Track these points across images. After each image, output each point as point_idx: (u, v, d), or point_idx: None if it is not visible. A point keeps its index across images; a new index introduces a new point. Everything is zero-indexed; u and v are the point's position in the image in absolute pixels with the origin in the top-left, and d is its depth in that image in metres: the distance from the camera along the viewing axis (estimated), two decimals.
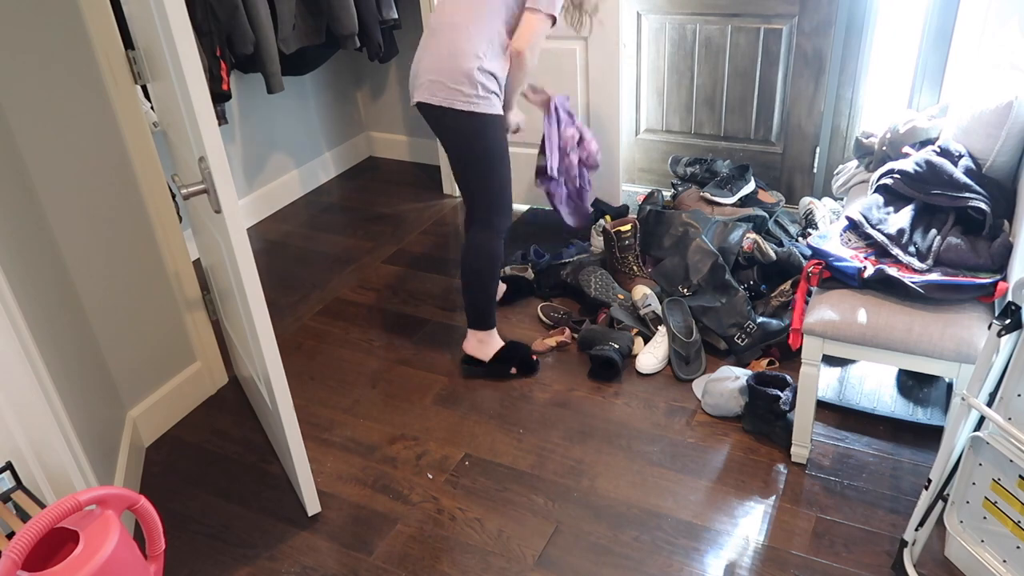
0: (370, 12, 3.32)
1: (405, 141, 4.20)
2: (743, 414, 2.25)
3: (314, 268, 3.27)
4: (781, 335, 2.43)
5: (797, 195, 3.32)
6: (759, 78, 3.19)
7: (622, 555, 1.91)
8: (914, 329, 1.81)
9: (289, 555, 1.97)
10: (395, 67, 3.98)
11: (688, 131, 3.46)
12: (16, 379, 1.55)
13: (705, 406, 2.32)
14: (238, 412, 2.48)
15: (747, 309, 2.49)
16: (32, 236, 1.85)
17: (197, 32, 2.78)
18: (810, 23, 3.01)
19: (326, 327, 2.87)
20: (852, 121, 3.12)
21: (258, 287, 1.70)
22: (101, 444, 1.98)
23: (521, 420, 2.36)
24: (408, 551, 1.96)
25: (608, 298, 2.75)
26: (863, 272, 1.92)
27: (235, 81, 3.33)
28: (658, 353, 2.52)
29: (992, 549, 1.67)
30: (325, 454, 2.28)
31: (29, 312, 1.67)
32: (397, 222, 3.60)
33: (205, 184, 1.60)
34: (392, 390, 2.53)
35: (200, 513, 2.12)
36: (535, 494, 2.10)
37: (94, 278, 2.13)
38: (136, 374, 2.30)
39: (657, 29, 3.28)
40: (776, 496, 2.04)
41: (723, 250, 2.69)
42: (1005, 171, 2.18)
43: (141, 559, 1.54)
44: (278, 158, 3.77)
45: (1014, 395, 1.52)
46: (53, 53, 1.92)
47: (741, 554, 1.89)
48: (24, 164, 1.90)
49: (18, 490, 1.55)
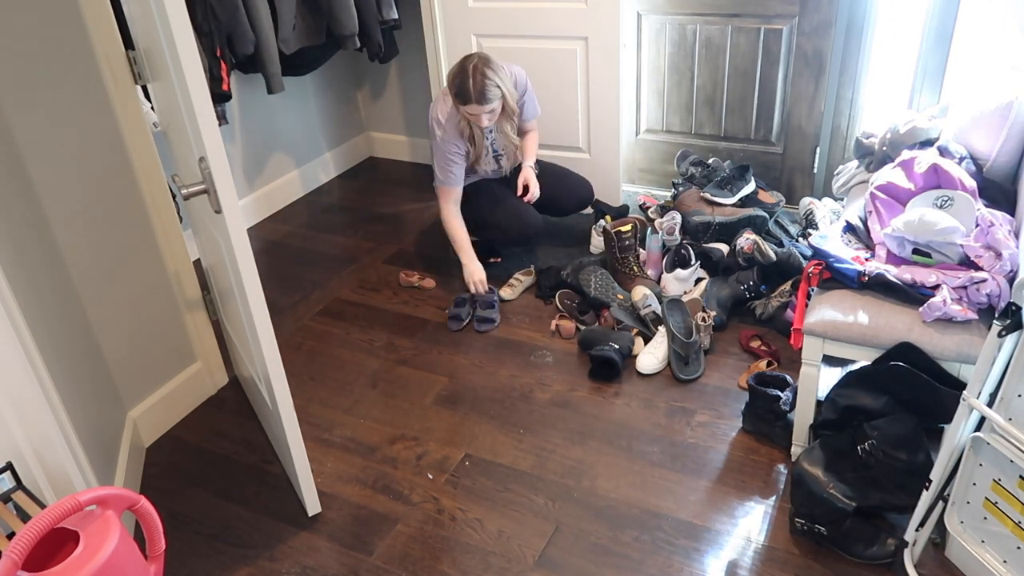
0: (370, 12, 3.32)
1: (405, 141, 4.20)
2: (743, 414, 2.25)
3: (314, 268, 3.27)
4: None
5: (797, 195, 3.32)
6: (759, 78, 3.19)
7: (622, 555, 1.91)
8: (914, 329, 1.81)
9: (289, 555, 1.97)
10: (395, 67, 3.98)
11: (688, 131, 3.46)
12: (16, 379, 1.55)
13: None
14: (238, 412, 2.48)
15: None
16: (32, 236, 1.85)
17: (197, 32, 2.78)
18: (810, 23, 3.01)
19: (326, 327, 2.87)
20: (852, 121, 3.12)
21: (258, 287, 1.70)
22: (101, 444, 1.98)
23: (521, 420, 2.36)
24: (408, 551, 1.96)
25: (608, 298, 2.75)
26: (863, 276, 1.92)
27: (235, 81, 3.32)
28: (658, 353, 2.52)
29: (992, 549, 1.67)
30: (325, 454, 2.28)
31: (29, 312, 1.67)
32: (397, 222, 3.60)
33: (205, 184, 1.60)
34: (392, 390, 2.53)
35: (200, 513, 2.12)
36: (535, 494, 2.10)
37: (94, 278, 2.13)
38: (136, 374, 2.30)
39: (657, 29, 3.28)
40: (776, 496, 2.04)
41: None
42: (1005, 171, 2.18)
43: (141, 559, 1.54)
44: (278, 158, 3.77)
45: (1014, 395, 1.52)
46: (53, 53, 1.92)
47: (741, 554, 1.89)
48: (24, 164, 1.90)
49: (18, 490, 1.55)
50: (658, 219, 3.07)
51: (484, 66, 2.60)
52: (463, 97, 2.62)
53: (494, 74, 2.61)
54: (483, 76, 2.59)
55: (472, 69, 2.59)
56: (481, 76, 2.58)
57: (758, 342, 2.57)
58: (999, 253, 1.81)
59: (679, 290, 2.77)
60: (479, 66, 2.60)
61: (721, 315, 2.66)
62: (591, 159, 3.37)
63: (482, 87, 2.59)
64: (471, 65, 2.60)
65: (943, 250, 1.91)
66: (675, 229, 2.98)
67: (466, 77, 2.59)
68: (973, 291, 1.79)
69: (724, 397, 2.39)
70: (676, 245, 2.90)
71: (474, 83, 2.59)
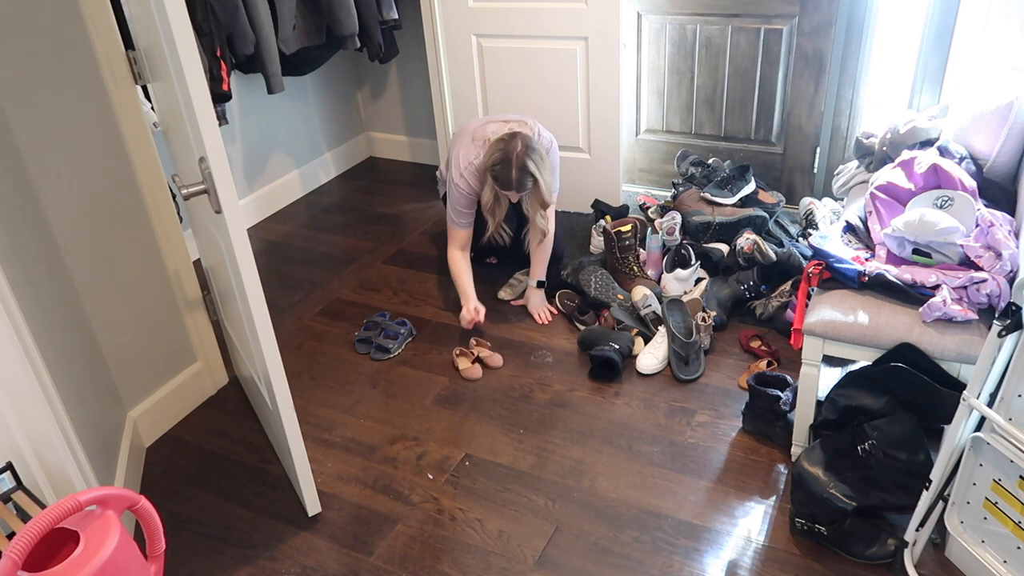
0: (370, 12, 3.32)
1: (405, 141, 4.20)
2: (743, 414, 2.25)
3: (314, 268, 3.27)
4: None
5: (797, 195, 3.32)
6: (759, 78, 3.19)
7: (622, 555, 1.91)
8: (914, 330, 1.81)
9: (289, 555, 1.97)
10: (395, 67, 3.98)
11: (688, 131, 3.46)
12: (16, 379, 1.55)
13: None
14: (238, 412, 2.48)
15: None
16: (32, 236, 1.85)
17: (197, 32, 2.78)
18: (810, 23, 3.01)
19: (326, 327, 2.87)
20: (852, 121, 3.12)
21: (258, 287, 1.70)
22: (101, 444, 1.98)
23: (521, 420, 2.36)
24: (408, 551, 1.96)
25: (608, 298, 2.75)
26: (863, 276, 1.92)
27: (235, 81, 3.32)
28: (658, 353, 2.52)
29: (992, 549, 1.67)
30: (325, 454, 2.28)
31: (29, 312, 1.67)
32: (397, 222, 3.60)
33: (205, 184, 1.60)
34: (392, 390, 2.53)
35: (200, 513, 2.12)
36: (535, 494, 2.10)
37: (94, 278, 2.13)
38: (136, 374, 2.30)
39: (657, 29, 3.28)
40: (776, 496, 2.04)
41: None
42: (1005, 171, 2.18)
43: (141, 559, 1.54)
44: (278, 158, 3.77)
45: (1014, 395, 1.52)
46: (53, 53, 1.92)
47: (741, 554, 1.89)
48: (24, 164, 1.90)
49: (18, 490, 1.55)
50: (658, 219, 3.07)
51: (526, 156, 2.51)
52: (502, 184, 2.56)
53: (535, 166, 2.53)
54: (523, 168, 2.51)
55: (516, 158, 2.50)
56: (521, 169, 2.51)
57: (758, 342, 2.57)
58: (999, 253, 1.81)
59: (679, 290, 2.77)
60: (522, 155, 2.51)
61: (721, 315, 2.66)
62: (591, 159, 3.37)
63: (521, 179, 2.53)
64: (515, 153, 2.51)
65: (943, 250, 1.91)
66: (675, 229, 2.99)
67: (508, 167, 2.51)
68: (973, 291, 1.79)
69: (724, 397, 2.39)
70: (676, 245, 2.90)
71: (516, 174, 2.51)
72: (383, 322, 2.80)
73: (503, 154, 2.52)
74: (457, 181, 2.68)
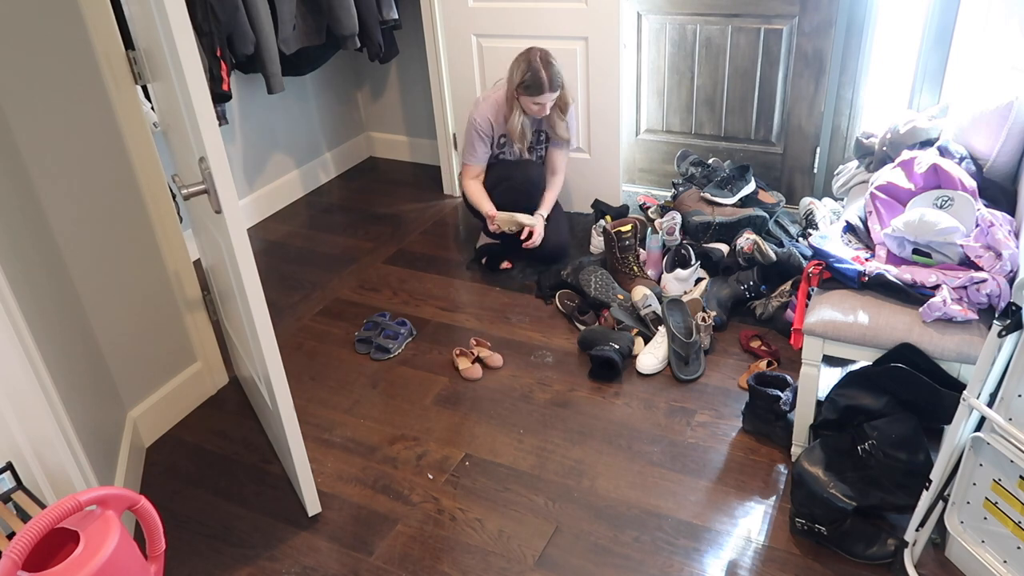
0: (370, 12, 3.32)
1: (405, 141, 4.20)
2: (743, 414, 2.25)
3: (314, 268, 3.27)
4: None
5: (797, 195, 3.32)
6: (759, 78, 3.19)
7: (622, 555, 1.91)
8: (914, 330, 1.81)
9: (289, 555, 1.97)
10: (395, 67, 3.98)
11: (688, 131, 3.46)
12: (16, 379, 1.55)
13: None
14: (238, 412, 2.48)
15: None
16: (32, 236, 1.85)
17: (197, 32, 2.78)
18: (810, 23, 3.01)
19: (326, 327, 2.87)
20: (852, 121, 3.12)
21: (258, 287, 1.70)
22: (101, 444, 1.98)
23: (521, 420, 2.36)
24: (408, 551, 1.96)
25: (608, 298, 2.75)
26: (863, 276, 1.92)
27: (235, 81, 3.32)
28: (658, 353, 2.52)
29: (992, 549, 1.67)
30: (325, 454, 2.28)
31: (29, 312, 1.67)
32: (397, 222, 3.60)
33: (205, 184, 1.60)
34: (392, 390, 2.53)
35: (200, 513, 2.12)
36: (535, 494, 2.10)
37: (94, 278, 2.13)
38: (136, 374, 2.30)
39: (657, 29, 3.28)
40: (776, 496, 2.04)
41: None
42: (1005, 171, 2.18)
43: (141, 559, 1.54)
44: (278, 158, 3.77)
45: (1014, 395, 1.52)
46: (53, 53, 1.92)
47: (741, 554, 1.89)
48: (24, 164, 1.90)
49: (18, 490, 1.55)
50: (658, 219, 3.07)
51: (548, 56, 2.80)
52: (537, 87, 2.79)
53: (555, 61, 2.82)
54: (550, 64, 2.79)
55: (540, 60, 2.78)
56: (547, 66, 2.78)
57: (758, 342, 2.57)
58: (999, 253, 1.81)
59: (679, 290, 2.77)
60: (545, 55, 2.80)
61: (721, 315, 2.66)
62: (591, 159, 3.37)
63: (552, 74, 2.79)
64: (537, 57, 2.78)
65: (943, 250, 1.91)
66: (675, 229, 2.99)
67: (537, 71, 2.77)
68: (973, 291, 1.79)
69: (724, 397, 2.39)
70: (676, 245, 2.90)
71: (546, 72, 2.78)
72: (383, 322, 2.80)
73: (527, 63, 2.79)
74: (475, 117, 2.97)
